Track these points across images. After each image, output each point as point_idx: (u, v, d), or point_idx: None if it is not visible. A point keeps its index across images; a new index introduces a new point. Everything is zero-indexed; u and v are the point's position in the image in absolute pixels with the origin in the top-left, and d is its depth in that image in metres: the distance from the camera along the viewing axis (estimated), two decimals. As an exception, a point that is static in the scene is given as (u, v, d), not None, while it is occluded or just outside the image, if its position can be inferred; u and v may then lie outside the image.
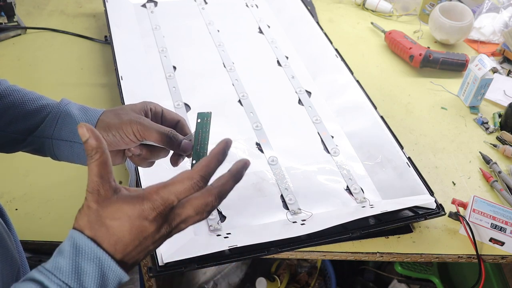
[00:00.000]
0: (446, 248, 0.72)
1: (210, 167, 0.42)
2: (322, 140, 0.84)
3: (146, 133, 0.53)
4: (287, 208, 0.73)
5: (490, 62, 0.94)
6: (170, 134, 0.53)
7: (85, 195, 0.43)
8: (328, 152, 0.83)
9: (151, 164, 0.59)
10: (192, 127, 0.84)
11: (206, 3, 1.15)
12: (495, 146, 0.89)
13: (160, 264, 0.60)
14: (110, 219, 0.41)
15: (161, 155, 0.57)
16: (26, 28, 1.06)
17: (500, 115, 0.95)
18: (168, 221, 0.42)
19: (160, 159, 0.58)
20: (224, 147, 0.44)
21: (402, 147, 0.79)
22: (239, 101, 0.91)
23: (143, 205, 0.40)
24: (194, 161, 0.53)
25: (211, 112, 0.53)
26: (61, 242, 0.69)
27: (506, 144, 0.90)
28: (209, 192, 0.42)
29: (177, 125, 0.58)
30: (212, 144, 0.82)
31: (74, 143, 0.56)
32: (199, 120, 0.55)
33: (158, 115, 0.57)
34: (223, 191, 0.43)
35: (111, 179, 0.42)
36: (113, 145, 0.54)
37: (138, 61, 0.95)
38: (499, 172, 0.83)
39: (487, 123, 0.94)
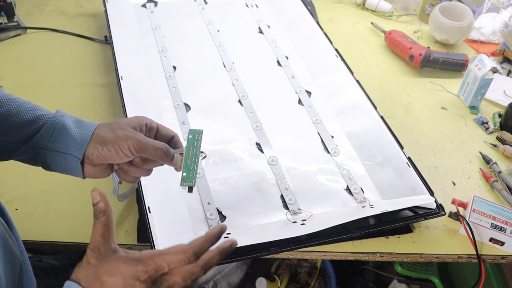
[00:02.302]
0: (446, 248, 0.72)
1: (204, 247, 0.47)
2: (322, 140, 0.84)
3: (141, 148, 0.55)
4: (287, 208, 0.73)
5: (490, 62, 0.94)
6: (164, 149, 0.56)
7: (86, 252, 0.46)
8: (328, 152, 0.83)
9: (135, 179, 0.61)
10: (191, 126, 0.84)
11: (206, 3, 1.15)
12: (495, 146, 0.89)
13: (160, 264, 0.59)
14: (106, 275, 0.44)
15: (152, 165, 0.60)
16: (26, 28, 1.06)
17: (500, 115, 0.95)
18: (157, 285, 0.46)
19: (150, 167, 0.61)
20: (219, 232, 0.49)
21: (402, 147, 0.79)
22: (239, 101, 0.91)
23: (137, 267, 0.45)
24: (184, 174, 0.55)
25: (202, 130, 0.56)
26: (61, 242, 0.69)
27: (506, 144, 0.90)
28: (196, 264, 0.47)
29: (171, 140, 0.60)
30: (212, 145, 0.82)
31: (68, 155, 0.57)
32: (190, 136, 0.58)
33: (152, 131, 0.60)
34: (208, 264, 0.47)
35: (112, 240, 0.46)
36: (107, 159, 0.56)
37: (138, 61, 0.95)
38: (499, 172, 0.83)
39: (487, 123, 0.94)
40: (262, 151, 0.81)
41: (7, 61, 0.99)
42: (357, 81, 0.91)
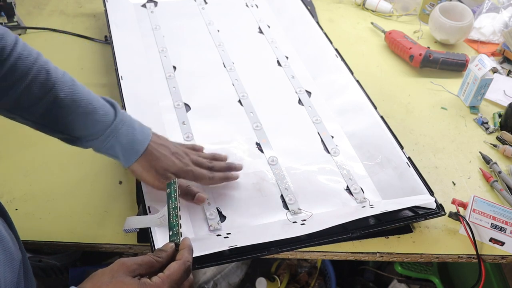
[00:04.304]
0: (446, 248, 0.72)
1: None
2: (322, 140, 0.84)
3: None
4: (287, 208, 0.73)
5: (490, 62, 0.94)
6: (186, 190, 0.68)
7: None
8: (328, 152, 0.83)
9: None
10: (191, 126, 0.84)
11: (206, 3, 1.15)
12: (495, 146, 0.89)
13: (160, 264, 0.59)
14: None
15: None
16: (26, 28, 1.06)
17: (500, 115, 0.95)
18: None
19: None
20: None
21: (402, 147, 0.79)
22: (239, 101, 0.91)
23: None
24: (170, 233, 0.56)
25: (176, 179, 0.60)
26: (61, 242, 0.69)
27: (506, 144, 0.90)
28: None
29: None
30: (212, 145, 0.82)
31: (116, 158, 0.66)
32: (168, 191, 0.59)
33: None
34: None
35: (146, 274, 0.50)
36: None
37: (138, 61, 0.95)
38: (499, 172, 0.83)
39: (487, 123, 0.94)
40: (262, 151, 0.81)
41: (7, 61, 0.98)
42: (357, 81, 0.91)
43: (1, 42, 0.57)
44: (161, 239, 0.62)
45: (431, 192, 0.72)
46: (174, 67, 0.96)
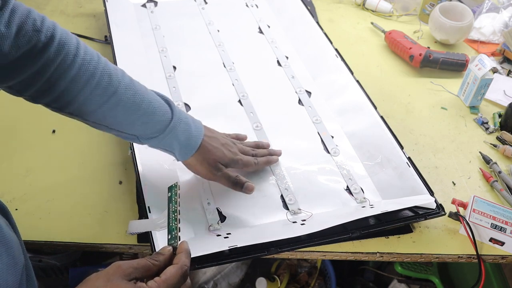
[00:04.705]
0: (446, 248, 0.72)
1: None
2: (322, 140, 0.84)
3: (218, 180, 0.71)
4: (287, 208, 0.73)
5: (490, 62, 0.94)
6: (236, 180, 0.71)
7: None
8: (328, 152, 0.83)
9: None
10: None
11: (206, 3, 1.15)
12: (495, 146, 0.89)
13: (160, 264, 0.59)
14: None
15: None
16: (26, 28, 1.06)
17: (500, 115, 0.95)
18: None
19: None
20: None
21: (402, 147, 0.79)
22: (239, 101, 0.91)
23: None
24: (169, 236, 0.56)
25: (177, 182, 0.59)
26: (61, 242, 0.69)
27: (506, 144, 0.90)
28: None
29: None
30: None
31: (171, 153, 0.68)
32: (169, 194, 0.59)
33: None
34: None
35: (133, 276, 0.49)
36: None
37: (138, 61, 0.95)
38: (499, 172, 0.83)
39: (487, 123, 0.94)
40: (262, 151, 0.81)
41: (7, 61, 0.98)
42: (357, 81, 0.91)
43: (65, 48, 0.56)
44: (161, 239, 0.62)
45: (431, 192, 0.72)
46: (174, 67, 0.96)
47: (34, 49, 0.54)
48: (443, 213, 0.71)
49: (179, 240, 0.55)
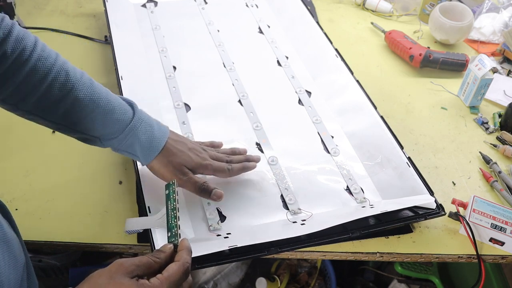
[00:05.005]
0: (446, 248, 0.72)
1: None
2: (322, 140, 0.84)
3: (184, 186, 0.68)
4: (287, 208, 0.73)
5: (490, 62, 0.94)
6: (203, 186, 0.68)
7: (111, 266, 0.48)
8: (328, 152, 0.83)
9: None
10: (191, 126, 0.84)
11: (206, 3, 1.15)
12: (495, 146, 0.89)
13: (160, 264, 0.59)
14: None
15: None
16: (26, 28, 1.06)
17: (500, 115, 0.95)
18: None
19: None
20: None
21: (402, 147, 0.79)
22: (239, 101, 0.91)
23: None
24: (168, 234, 0.56)
25: (174, 180, 0.59)
26: (61, 242, 0.69)
27: (506, 144, 0.90)
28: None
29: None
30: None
31: (135, 157, 0.67)
32: (167, 192, 0.59)
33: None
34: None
35: (144, 275, 0.49)
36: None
37: (138, 61, 0.95)
38: (499, 172, 0.83)
39: (487, 123, 0.94)
40: (262, 151, 0.81)
41: (7, 61, 0.98)
42: (357, 81, 0.91)
43: (22, 44, 0.57)
44: (161, 239, 0.62)
45: (431, 192, 0.72)
46: (174, 67, 0.96)
47: None
48: (443, 213, 0.71)
49: (180, 237, 0.55)
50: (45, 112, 0.61)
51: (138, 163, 0.72)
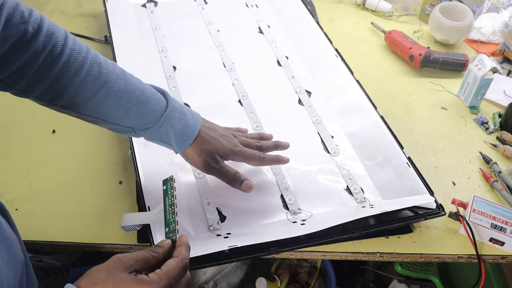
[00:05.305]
0: (446, 248, 0.72)
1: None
2: (322, 140, 0.84)
3: (216, 174, 0.69)
4: (287, 208, 0.73)
5: (490, 62, 0.94)
6: (234, 176, 0.69)
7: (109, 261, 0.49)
8: (328, 152, 0.83)
9: None
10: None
11: (206, 3, 1.15)
12: (495, 146, 0.89)
13: (160, 264, 0.59)
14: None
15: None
16: (26, 28, 1.06)
17: (500, 115, 0.95)
18: None
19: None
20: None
21: (402, 147, 0.79)
22: (239, 101, 0.91)
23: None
24: (166, 229, 0.57)
25: (172, 176, 0.60)
26: (61, 242, 0.69)
27: (506, 144, 0.90)
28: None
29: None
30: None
31: (168, 144, 0.67)
32: (164, 187, 0.60)
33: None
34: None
35: (141, 269, 0.50)
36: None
37: (138, 61, 0.95)
38: (499, 172, 0.83)
39: (487, 123, 0.94)
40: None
41: (7, 61, 0.98)
42: (357, 81, 0.91)
43: (53, 39, 0.57)
44: (161, 238, 0.62)
45: (431, 192, 0.72)
46: (174, 67, 0.96)
47: (22, 41, 0.55)
48: (443, 213, 0.71)
49: (178, 233, 0.55)
50: (80, 106, 0.61)
51: (139, 163, 0.72)
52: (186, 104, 0.88)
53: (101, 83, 0.60)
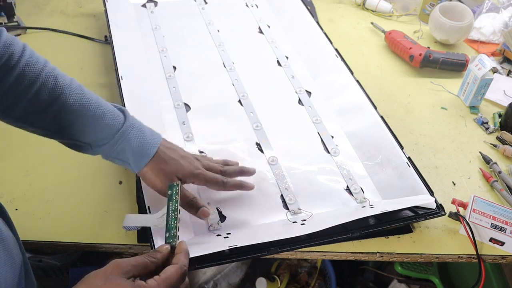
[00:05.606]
0: (446, 248, 0.72)
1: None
2: (322, 140, 0.84)
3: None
4: (287, 208, 0.73)
5: (490, 62, 0.94)
6: (191, 202, 0.66)
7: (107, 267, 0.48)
8: (328, 152, 0.83)
9: None
10: (191, 126, 0.84)
11: (206, 3, 1.15)
12: (495, 146, 0.89)
13: (160, 264, 0.59)
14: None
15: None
16: (26, 28, 1.06)
17: (500, 115, 0.95)
18: None
19: None
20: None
21: (402, 147, 0.79)
22: (239, 101, 0.91)
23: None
24: (167, 234, 0.57)
25: (179, 182, 0.60)
26: (61, 242, 0.69)
27: (506, 144, 0.90)
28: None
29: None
30: (211, 145, 0.82)
31: (125, 163, 0.65)
32: (169, 192, 0.59)
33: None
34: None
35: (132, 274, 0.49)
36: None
37: (138, 61, 0.95)
38: (499, 172, 0.83)
39: (487, 123, 0.94)
40: (262, 151, 0.81)
41: (7, 61, 0.98)
42: (357, 81, 0.91)
43: (10, 49, 0.57)
44: (161, 239, 0.62)
45: (431, 192, 0.72)
46: (174, 67, 0.96)
47: None
48: (443, 213, 0.71)
49: (178, 239, 0.55)
50: (34, 119, 0.60)
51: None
52: (186, 105, 0.88)
53: (56, 95, 0.59)
